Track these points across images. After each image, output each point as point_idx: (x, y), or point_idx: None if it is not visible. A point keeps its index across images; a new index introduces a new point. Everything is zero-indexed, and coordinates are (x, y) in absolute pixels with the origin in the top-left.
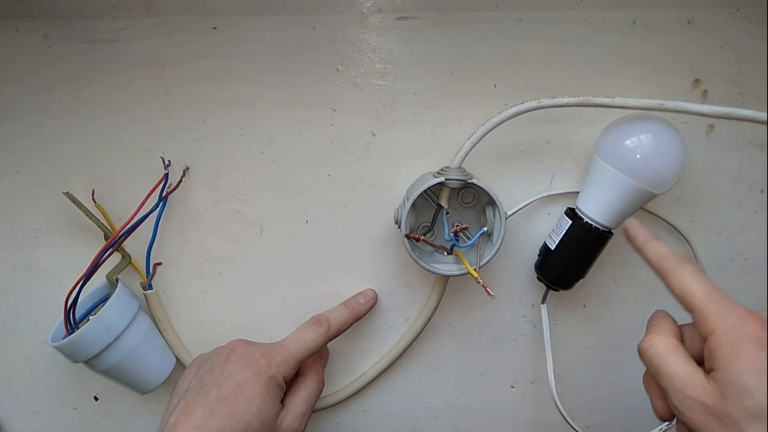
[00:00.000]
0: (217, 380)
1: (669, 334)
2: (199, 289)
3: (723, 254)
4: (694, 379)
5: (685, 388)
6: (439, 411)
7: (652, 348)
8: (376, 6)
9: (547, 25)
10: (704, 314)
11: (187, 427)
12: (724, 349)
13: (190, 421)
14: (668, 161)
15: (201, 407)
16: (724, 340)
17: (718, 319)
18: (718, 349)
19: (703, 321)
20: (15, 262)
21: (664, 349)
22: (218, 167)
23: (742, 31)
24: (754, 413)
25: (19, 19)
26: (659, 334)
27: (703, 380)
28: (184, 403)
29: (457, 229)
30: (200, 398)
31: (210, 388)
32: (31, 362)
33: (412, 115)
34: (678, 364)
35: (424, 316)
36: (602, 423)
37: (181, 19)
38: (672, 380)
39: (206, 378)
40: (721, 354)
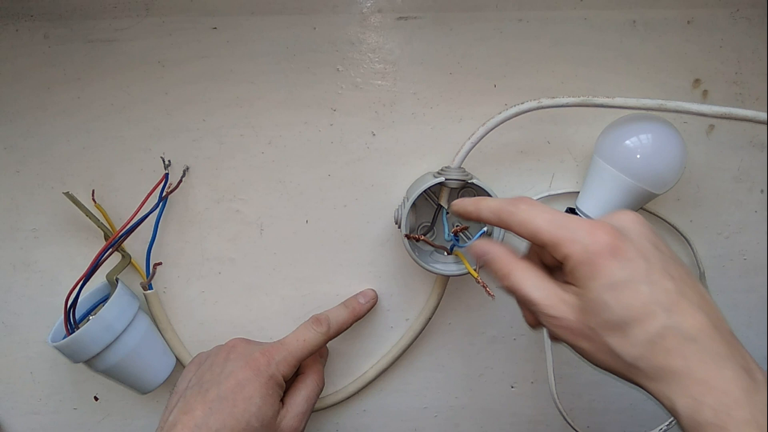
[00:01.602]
0: (217, 379)
1: (513, 259)
2: (199, 289)
3: (723, 254)
4: (554, 300)
5: (549, 310)
6: (439, 411)
7: (509, 279)
8: (376, 6)
9: (547, 25)
10: (555, 242)
11: (187, 425)
12: (582, 269)
13: (190, 419)
14: (668, 161)
15: (201, 406)
16: (579, 261)
17: (569, 242)
18: (575, 271)
19: (557, 249)
20: (15, 262)
21: (519, 277)
22: (218, 167)
23: (742, 31)
24: (614, 325)
25: (19, 19)
26: (508, 264)
27: (564, 296)
28: (183, 402)
29: (457, 229)
30: (200, 397)
31: (210, 386)
32: (31, 362)
33: (412, 115)
34: (536, 286)
35: (424, 316)
36: (602, 423)
37: (181, 19)
38: (535, 303)
39: (206, 376)
40: (580, 274)
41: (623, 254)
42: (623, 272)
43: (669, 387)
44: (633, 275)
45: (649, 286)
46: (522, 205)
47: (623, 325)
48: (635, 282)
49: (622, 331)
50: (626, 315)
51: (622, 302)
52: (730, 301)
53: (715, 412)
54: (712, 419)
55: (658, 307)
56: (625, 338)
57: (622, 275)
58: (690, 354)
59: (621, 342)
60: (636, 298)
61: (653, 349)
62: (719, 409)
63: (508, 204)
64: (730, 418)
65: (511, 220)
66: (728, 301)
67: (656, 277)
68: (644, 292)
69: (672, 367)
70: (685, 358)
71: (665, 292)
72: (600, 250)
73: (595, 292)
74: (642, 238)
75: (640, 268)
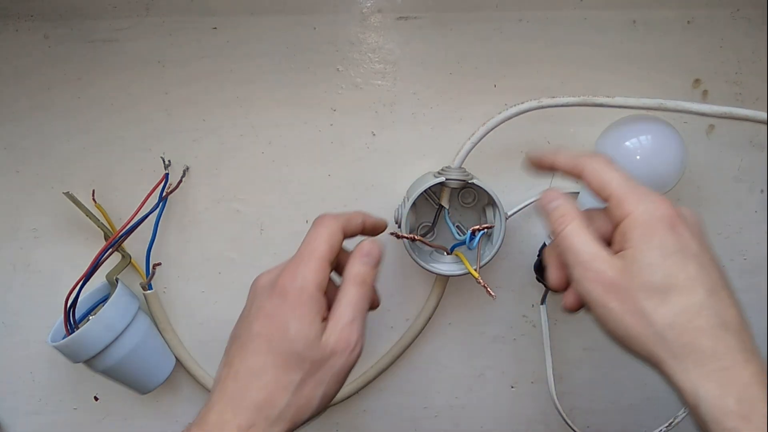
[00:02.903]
0: (247, 321)
1: (580, 215)
2: (199, 289)
3: (723, 254)
4: (600, 255)
5: (590, 262)
6: (439, 411)
7: (567, 227)
8: (376, 6)
9: (547, 25)
10: (620, 199)
11: (228, 375)
12: (638, 230)
13: (230, 369)
14: (668, 163)
15: (237, 354)
16: (638, 221)
17: (634, 202)
18: (631, 231)
19: (620, 205)
20: (15, 262)
21: (575, 228)
22: (218, 167)
23: (742, 31)
24: (653, 287)
25: (19, 19)
26: (570, 214)
27: (609, 256)
28: (225, 356)
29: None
30: (236, 346)
31: (242, 332)
32: (31, 362)
33: (412, 115)
34: (587, 241)
35: (424, 316)
36: (602, 423)
37: (181, 19)
38: (578, 254)
39: (238, 326)
40: (633, 234)
41: (680, 230)
42: (677, 245)
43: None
44: (685, 251)
45: (697, 265)
46: (600, 159)
47: (663, 290)
48: (686, 257)
49: (661, 295)
50: (669, 281)
51: (668, 268)
52: None
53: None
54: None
55: (702, 286)
56: (662, 303)
57: (674, 247)
58: (720, 339)
59: (657, 305)
60: (683, 269)
61: (687, 322)
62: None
63: (586, 155)
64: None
65: (586, 167)
66: None
67: (705, 261)
68: (692, 268)
69: (700, 346)
70: (716, 341)
71: (710, 277)
72: (661, 217)
73: (644, 253)
74: (696, 228)
75: (692, 248)
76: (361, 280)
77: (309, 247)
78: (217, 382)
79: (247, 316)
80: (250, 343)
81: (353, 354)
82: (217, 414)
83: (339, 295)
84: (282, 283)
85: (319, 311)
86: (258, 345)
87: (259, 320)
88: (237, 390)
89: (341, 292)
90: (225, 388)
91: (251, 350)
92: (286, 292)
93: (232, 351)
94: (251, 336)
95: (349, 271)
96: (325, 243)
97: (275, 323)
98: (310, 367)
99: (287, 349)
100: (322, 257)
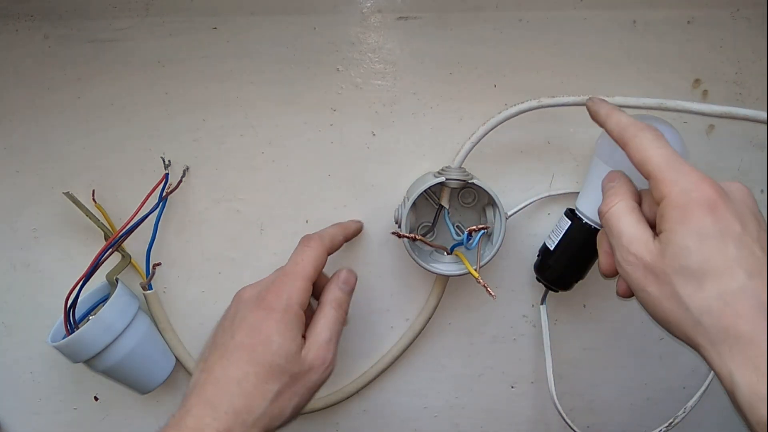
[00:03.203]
0: (230, 331)
1: (628, 197)
2: (199, 289)
3: None
4: (641, 237)
5: (630, 244)
6: (439, 411)
7: (612, 208)
8: (376, 6)
9: (547, 25)
10: (659, 179)
11: (207, 381)
12: (675, 212)
13: (209, 375)
14: None
15: (218, 361)
16: (675, 203)
17: (672, 183)
18: (668, 212)
19: (658, 186)
20: (15, 262)
21: (621, 209)
22: (218, 167)
23: (742, 31)
24: (688, 272)
25: (19, 19)
26: (619, 196)
27: (649, 239)
28: (202, 362)
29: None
30: (217, 353)
31: (225, 340)
32: (31, 362)
33: (412, 115)
34: (630, 223)
35: (424, 316)
36: (602, 423)
37: (181, 19)
38: (620, 236)
39: (219, 334)
40: (670, 216)
41: (720, 212)
42: (715, 227)
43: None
44: (724, 232)
45: (738, 247)
46: (648, 133)
47: (699, 275)
48: (725, 238)
49: (697, 281)
50: (706, 265)
51: (704, 252)
52: None
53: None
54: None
55: (741, 268)
56: (698, 289)
57: (712, 229)
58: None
59: (693, 291)
60: (721, 253)
61: (724, 307)
62: None
63: (636, 126)
64: None
65: (631, 141)
66: None
67: (747, 241)
68: (731, 251)
69: (739, 331)
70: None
71: (753, 257)
72: (699, 199)
73: (680, 236)
74: (743, 206)
75: (733, 229)
76: (338, 304)
77: (296, 267)
78: (195, 387)
79: (230, 326)
80: (233, 352)
81: (327, 371)
82: (196, 418)
83: (317, 315)
84: (268, 298)
85: (300, 328)
86: (240, 355)
87: (243, 331)
88: (216, 395)
89: (320, 313)
90: (204, 392)
91: (234, 359)
92: (272, 308)
93: (212, 358)
94: (234, 345)
95: (328, 295)
96: (311, 265)
97: (259, 336)
98: (289, 379)
99: (269, 361)
100: (308, 278)
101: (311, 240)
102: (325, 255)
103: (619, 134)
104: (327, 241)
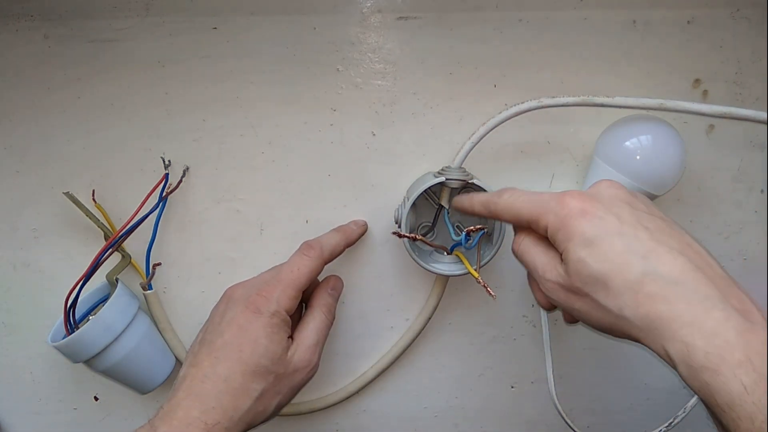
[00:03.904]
0: (219, 329)
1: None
2: (199, 289)
3: (723, 254)
4: (550, 263)
5: (545, 273)
6: (439, 411)
7: (519, 246)
8: (376, 6)
9: (547, 25)
10: (535, 219)
11: (196, 377)
12: (558, 234)
13: (198, 371)
14: (668, 163)
15: (207, 357)
16: (555, 227)
17: (544, 215)
18: (555, 237)
19: (537, 224)
20: (15, 262)
21: (527, 244)
22: (218, 167)
23: (742, 31)
24: (595, 279)
25: (19, 19)
26: (522, 232)
27: (557, 262)
28: (192, 356)
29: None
30: (205, 350)
31: (213, 337)
32: (31, 362)
33: (412, 115)
34: (538, 254)
35: (424, 316)
36: (602, 423)
37: (181, 19)
38: (536, 269)
39: (208, 331)
40: (558, 239)
41: (593, 213)
42: (594, 229)
43: (659, 333)
44: (605, 230)
45: (622, 238)
46: (505, 194)
47: (603, 278)
48: (607, 236)
49: (604, 284)
50: (604, 267)
51: (597, 256)
52: None
53: (706, 354)
54: (704, 362)
55: (633, 256)
56: (608, 290)
57: (593, 232)
58: (673, 297)
59: (605, 295)
60: (610, 250)
61: (636, 297)
62: (711, 351)
63: (493, 195)
64: (722, 361)
65: (497, 209)
66: None
67: (627, 229)
68: (617, 244)
69: (658, 312)
70: (669, 302)
71: (639, 241)
72: (570, 213)
73: (573, 252)
74: (614, 199)
75: (611, 224)
76: (328, 309)
77: (291, 275)
78: (184, 380)
79: (219, 323)
80: (221, 349)
81: (311, 372)
82: (185, 410)
83: (307, 318)
84: (258, 302)
85: (287, 331)
86: (228, 353)
87: (231, 330)
88: (205, 391)
89: (309, 316)
90: (192, 387)
91: (222, 357)
92: (260, 311)
93: (202, 354)
94: (222, 343)
95: (319, 300)
96: (305, 276)
97: (247, 336)
98: (273, 379)
99: (255, 362)
100: (300, 288)
101: (311, 249)
102: (321, 266)
103: (487, 209)
104: (327, 253)
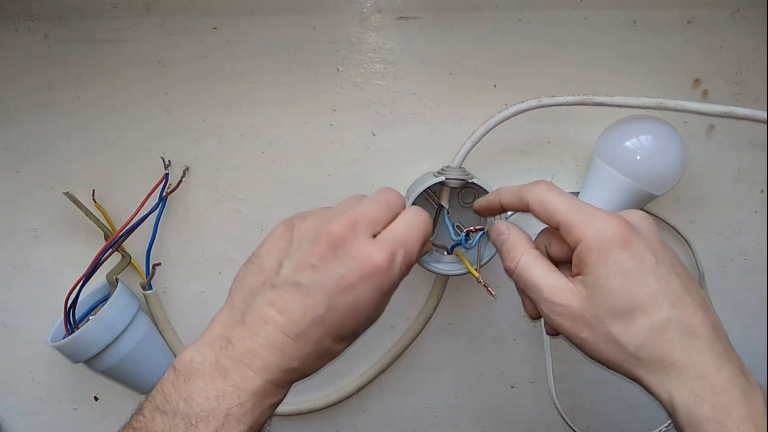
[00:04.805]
0: (322, 279)
1: (529, 246)
2: (199, 289)
3: (723, 254)
4: (561, 286)
5: (553, 296)
6: (439, 411)
7: (518, 263)
8: (376, 6)
9: (547, 25)
10: (570, 226)
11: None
12: (592, 255)
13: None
14: (668, 163)
15: (299, 308)
16: (591, 246)
17: (583, 227)
18: (586, 256)
19: (570, 232)
20: (15, 262)
21: (528, 261)
22: (218, 167)
23: (742, 31)
24: (618, 311)
25: (19, 19)
26: (519, 248)
27: (569, 286)
28: (275, 294)
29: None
30: (298, 295)
31: (311, 286)
32: (31, 362)
33: (412, 115)
34: (543, 274)
35: (424, 316)
36: (602, 423)
37: (181, 19)
38: (540, 290)
39: (306, 268)
40: (589, 260)
41: (634, 246)
42: (632, 262)
43: (668, 379)
44: (642, 266)
45: (657, 279)
46: (542, 185)
47: (628, 313)
48: (644, 273)
49: (627, 319)
50: (632, 303)
51: (629, 290)
52: (730, 301)
53: (713, 408)
54: (711, 415)
55: (664, 299)
56: (630, 326)
57: (631, 265)
58: (691, 348)
59: (625, 330)
60: (643, 287)
61: (656, 339)
62: (718, 405)
63: (526, 185)
64: (728, 415)
65: (530, 199)
66: (728, 301)
67: (663, 272)
68: (652, 284)
69: (673, 358)
70: (686, 351)
71: (671, 287)
72: (612, 238)
73: (604, 278)
74: (650, 235)
75: (649, 262)
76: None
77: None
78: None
79: (325, 273)
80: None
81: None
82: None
83: None
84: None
85: None
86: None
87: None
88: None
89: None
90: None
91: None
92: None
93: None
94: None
95: None
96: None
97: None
98: None
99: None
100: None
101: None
102: None
103: (518, 198)
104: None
